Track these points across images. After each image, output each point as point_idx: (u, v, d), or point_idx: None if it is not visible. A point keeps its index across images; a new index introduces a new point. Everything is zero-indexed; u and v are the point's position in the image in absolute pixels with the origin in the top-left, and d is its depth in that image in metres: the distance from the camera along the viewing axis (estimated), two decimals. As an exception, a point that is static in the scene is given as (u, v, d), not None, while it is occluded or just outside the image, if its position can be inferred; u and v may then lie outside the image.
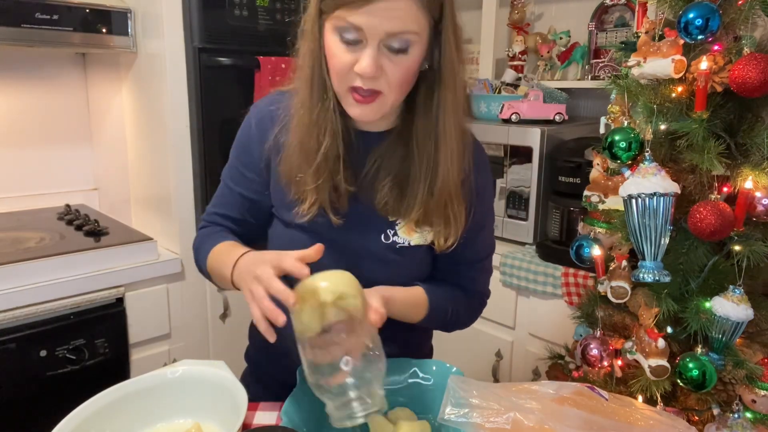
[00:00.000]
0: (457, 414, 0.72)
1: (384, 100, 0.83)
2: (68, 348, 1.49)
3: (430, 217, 0.91)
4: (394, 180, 0.90)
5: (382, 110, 0.85)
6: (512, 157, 1.94)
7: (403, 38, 0.78)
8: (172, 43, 1.67)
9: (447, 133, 0.87)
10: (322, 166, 0.89)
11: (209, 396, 0.86)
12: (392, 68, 0.80)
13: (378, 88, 0.82)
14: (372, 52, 0.78)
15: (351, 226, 0.93)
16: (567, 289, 1.73)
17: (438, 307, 0.98)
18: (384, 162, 0.91)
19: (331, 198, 0.91)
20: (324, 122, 0.88)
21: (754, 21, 1.08)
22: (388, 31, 0.77)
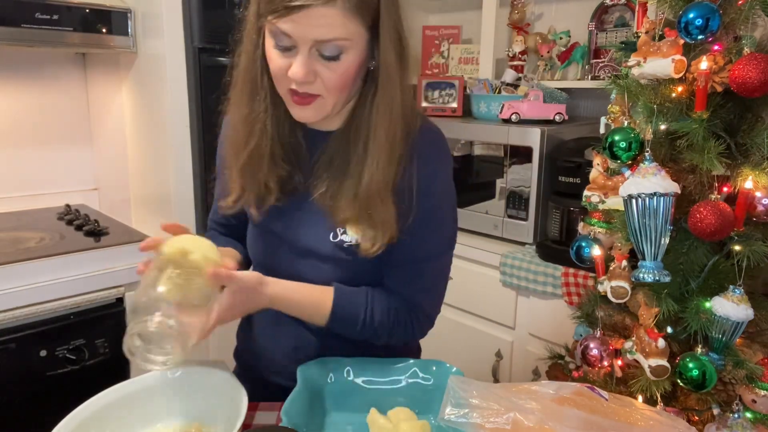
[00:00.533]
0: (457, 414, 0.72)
1: (323, 102, 0.85)
2: (68, 348, 1.49)
3: (359, 218, 0.89)
4: (331, 179, 0.91)
5: (322, 112, 0.86)
6: (512, 157, 1.94)
7: (334, 45, 0.79)
8: (172, 43, 1.68)
9: (376, 134, 0.86)
10: (247, 162, 0.92)
11: (209, 396, 0.86)
12: (327, 73, 0.81)
13: (314, 92, 0.83)
14: (303, 59, 0.79)
15: (301, 225, 0.96)
16: (567, 289, 1.73)
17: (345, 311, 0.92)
18: (327, 158, 0.92)
19: (260, 194, 0.94)
20: (254, 121, 0.90)
21: (754, 21, 1.08)
22: (316, 39, 0.78)
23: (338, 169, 0.91)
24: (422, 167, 0.90)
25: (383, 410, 0.88)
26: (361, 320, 0.93)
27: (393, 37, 0.83)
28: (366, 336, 0.94)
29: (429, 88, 2.37)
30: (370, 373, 0.94)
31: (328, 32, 0.78)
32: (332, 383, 0.92)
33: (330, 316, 0.92)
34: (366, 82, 0.88)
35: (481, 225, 2.06)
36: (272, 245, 1.00)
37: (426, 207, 0.92)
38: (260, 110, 0.90)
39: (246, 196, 0.95)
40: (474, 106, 2.23)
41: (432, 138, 0.94)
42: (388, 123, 0.86)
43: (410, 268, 0.94)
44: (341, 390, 0.92)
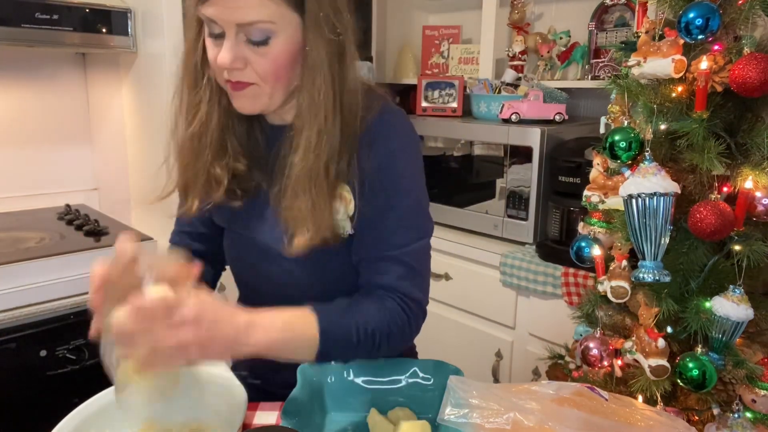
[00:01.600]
0: (456, 414, 0.72)
1: (258, 90, 0.83)
2: (68, 348, 1.49)
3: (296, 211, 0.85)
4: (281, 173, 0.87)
5: (260, 101, 0.85)
6: (512, 157, 1.94)
7: (258, 28, 0.78)
8: (172, 43, 1.67)
9: (303, 124, 0.84)
10: (187, 151, 0.91)
11: (209, 396, 0.86)
12: (256, 60, 0.80)
13: (247, 80, 0.82)
14: (229, 44, 0.79)
15: (264, 225, 0.94)
16: (567, 289, 1.73)
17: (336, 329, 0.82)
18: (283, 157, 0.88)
19: (205, 187, 0.92)
20: (194, 109, 0.90)
21: (754, 21, 1.08)
22: (238, 22, 0.77)
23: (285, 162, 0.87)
24: (372, 155, 0.87)
25: (383, 410, 0.88)
26: (355, 333, 0.83)
27: (321, 21, 0.81)
28: (364, 350, 0.85)
29: (429, 88, 2.37)
30: (370, 373, 0.93)
31: (248, 14, 0.77)
32: (332, 383, 0.92)
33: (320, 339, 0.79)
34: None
35: (481, 225, 2.06)
36: (243, 248, 0.99)
37: (385, 192, 0.88)
38: (201, 98, 0.89)
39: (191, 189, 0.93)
40: (474, 106, 2.23)
41: (384, 122, 0.89)
42: (316, 109, 0.83)
43: (387, 258, 0.89)
44: (341, 390, 0.92)
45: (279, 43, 0.80)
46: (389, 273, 0.88)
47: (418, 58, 2.67)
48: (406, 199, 0.90)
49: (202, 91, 0.89)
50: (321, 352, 0.80)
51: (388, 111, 0.91)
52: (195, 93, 0.89)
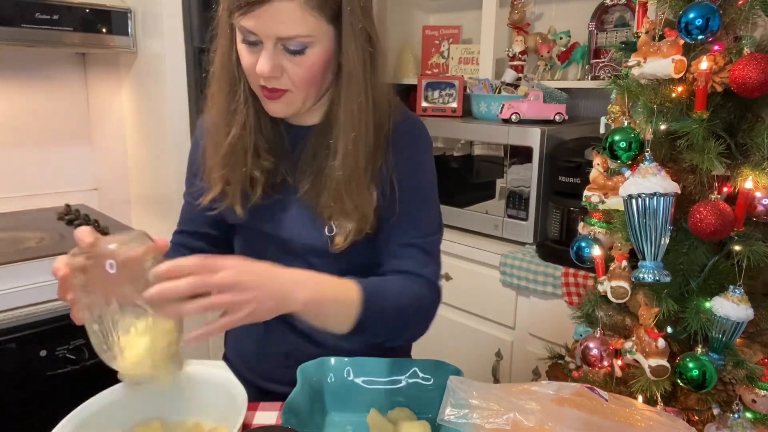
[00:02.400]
0: (456, 415, 0.72)
1: (292, 97, 0.86)
2: (68, 348, 1.49)
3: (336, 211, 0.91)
4: (315, 175, 0.92)
5: (292, 106, 0.88)
6: (512, 157, 1.94)
7: (297, 41, 0.80)
8: (172, 43, 1.68)
9: (344, 128, 0.87)
10: (230, 155, 0.92)
11: (209, 396, 0.86)
12: (293, 68, 0.83)
13: (282, 87, 0.85)
14: (268, 54, 0.81)
15: (292, 223, 0.96)
16: (567, 289, 1.73)
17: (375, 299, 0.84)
18: (308, 152, 0.93)
19: (245, 188, 0.94)
20: (232, 114, 0.91)
21: (754, 21, 1.08)
22: (278, 35, 0.79)
23: (319, 164, 0.92)
24: (399, 155, 0.93)
25: (383, 410, 0.88)
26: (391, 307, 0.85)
27: (357, 33, 0.84)
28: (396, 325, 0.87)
29: (429, 88, 2.37)
30: (370, 373, 0.94)
31: (288, 28, 0.79)
32: (332, 383, 0.92)
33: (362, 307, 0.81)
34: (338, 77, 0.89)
35: (481, 225, 2.06)
36: (263, 246, 0.99)
37: (411, 188, 0.94)
38: (239, 103, 0.91)
39: (230, 191, 0.95)
40: (474, 106, 2.23)
41: (407, 128, 0.96)
42: (352, 118, 0.87)
43: (413, 246, 0.94)
44: (341, 390, 0.92)
45: (315, 52, 0.83)
46: (415, 258, 0.93)
47: (418, 58, 2.67)
48: (431, 194, 0.98)
49: (239, 97, 0.91)
50: (360, 320, 0.81)
51: (409, 116, 0.98)
52: (232, 98, 0.91)
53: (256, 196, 0.95)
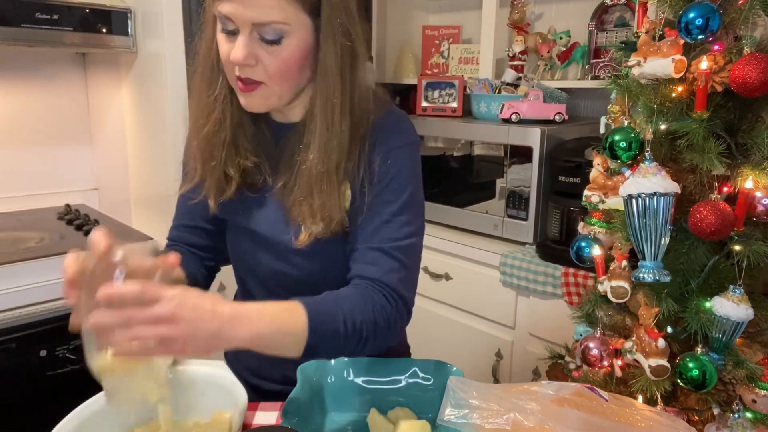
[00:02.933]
0: (456, 415, 0.72)
1: (267, 90, 0.85)
2: (68, 348, 1.49)
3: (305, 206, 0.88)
4: (289, 170, 0.91)
5: (268, 101, 0.87)
6: (512, 156, 1.94)
7: (273, 28, 0.79)
8: (172, 43, 1.67)
9: (317, 124, 0.86)
10: (203, 148, 0.92)
11: (209, 396, 0.86)
12: (268, 58, 0.82)
13: (256, 78, 0.83)
14: (243, 40, 0.80)
15: (270, 220, 0.96)
16: (567, 289, 1.73)
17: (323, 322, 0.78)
18: (288, 155, 0.92)
19: (219, 183, 0.94)
20: (210, 108, 0.91)
21: (754, 21, 1.08)
22: (254, 21, 0.79)
23: (294, 161, 0.90)
24: (374, 153, 0.90)
25: (383, 410, 0.88)
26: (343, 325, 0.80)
27: (336, 29, 0.83)
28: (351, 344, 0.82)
29: (429, 88, 2.37)
30: (370, 373, 0.94)
31: (264, 14, 0.78)
32: (332, 383, 0.92)
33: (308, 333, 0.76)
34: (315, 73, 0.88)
35: (481, 225, 2.06)
36: (249, 244, 1.00)
37: (382, 187, 0.90)
38: (218, 96, 0.91)
39: (206, 186, 0.95)
40: (474, 106, 2.23)
41: (387, 124, 0.92)
42: (326, 115, 0.86)
43: (378, 249, 0.89)
44: (341, 390, 0.92)
45: (291, 43, 0.82)
46: (378, 265, 0.88)
47: (418, 58, 2.67)
48: (402, 195, 0.91)
49: (217, 91, 0.91)
50: (309, 345, 0.76)
51: (390, 112, 0.94)
52: (210, 92, 0.91)
53: (229, 192, 0.94)
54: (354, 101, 0.88)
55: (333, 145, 0.87)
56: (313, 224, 0.88)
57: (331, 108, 0.86)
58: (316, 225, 0.88)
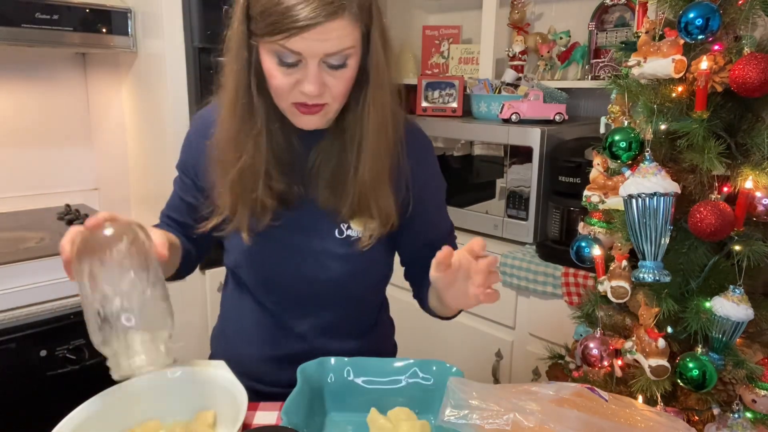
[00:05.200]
0: (456, 416, 0.72)
1: (328, 109, 0.86)
2: (68, 348, 1.49)
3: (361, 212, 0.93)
4: (331, 174, 0.92)
5: (326, 118, 0.88)
6: (512, 157, 1.94)
7: (342, 55, 0.80)
8: (172, 43, 1.68)
9: (371, 131, 0.88)
10: (239, 181, 0.90)
11: (209, 396, 0.86)
12: (334, 82, 0.82)
13: (323, 102, 0.84)
14: (315, 73, 0.80)
15: (302, 228, 0.96)
16: (567, 289, 1.73)
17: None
18: (323, 158, 0.93)
19: (253, 213, 0.92)
20: (244, 141, 0.89)
21: (754, 21, 1.08)
22: (327, 52, 0.79)
23: (337, 169, 0.92)
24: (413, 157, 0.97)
25: (383, 410, 0.88)
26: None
27: (382, 38, 0.85)
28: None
29: (429, 88, 2.37)
30: (370, 373, 0.94)
31: (337, 44, 0.78)
32: (332, 383, 0.92)
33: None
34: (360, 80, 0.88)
35: (481, 225, 2.06)
36: (274, 254, 0.98)
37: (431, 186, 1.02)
38: (253, 130, 0.88)
39: (238, 216, 0.93)
40: (474, 106, 2.23)
41: (414, 131, 1.01)
42: (379, 121, 0.88)
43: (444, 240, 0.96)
44: (341, 390, 0.92)
45: (352, 63, 0.83)
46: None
47: (418, 58, 2.66)
48: (442, 191, 1.06)
49: (255, 123, 0.88)
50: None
51: (411, 124, 1.01)
52: (246, 124, 0.88)
53: (265, 221, 0.93)
54: (395, 106, 0.91)
55: (384, 149, 0.90)
56: (373, 225, 0.94)
57: (383, 114, 0.88)
58: (375, 227, 0.93)
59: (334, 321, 1.03)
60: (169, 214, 1.08)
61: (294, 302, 1.01)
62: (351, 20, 0.78)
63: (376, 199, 0.91)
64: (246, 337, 1.06)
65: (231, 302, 1.10)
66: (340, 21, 0.77)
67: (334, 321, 1.02)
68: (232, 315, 1.10)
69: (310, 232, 0.96)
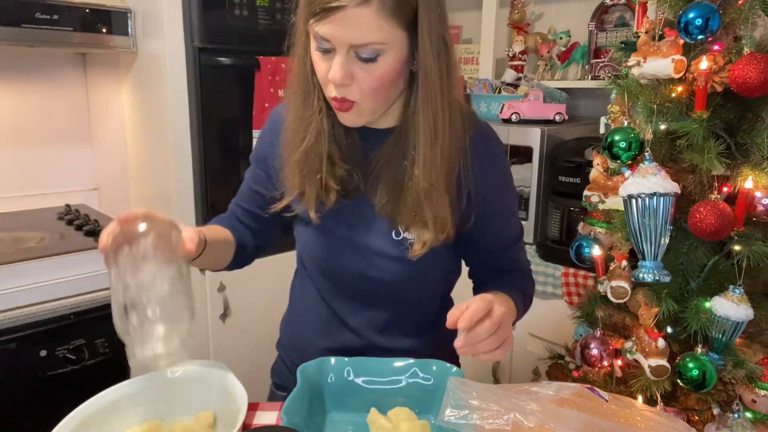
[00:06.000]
0: (456, 416, 0.72)
1: (359, 108, 0.86)
2: (68, 348, 1.49)
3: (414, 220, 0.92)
4: (393, 179, 0.92)
5: (360, 117, 0.88)
6: (512, 157, 1.94)
7: (371, 48, 0.79)
8: (172, 43, 1.67)
9: (423, 135, 0.87)
10: (303, 162, 0.92)
11: (209, 396, 0.86)
12: (363, 76, 0.82)
13: (349, 98, 0.84)
14: (340, 60, 0.80)
15: (361, 226, 0.96)
16: (567, 289, 1.73)
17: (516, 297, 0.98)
18: (383, 162, 0.93)
19: (319, 194, 0.94)
20: (307, 122, 0.91)
21: (754, 21, 1.08)
22: (352, 42, 0.78)
23: (394, 172, 0.92)
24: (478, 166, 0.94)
25: (383, 410, 0.88)
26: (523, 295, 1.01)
27: (433, 39, 0.83)
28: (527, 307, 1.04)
29: (429, 88, 2.36)
30: (370, 373, 0.94)
31: (363, 35, 0.78)
32: (332, 383, 0.92)
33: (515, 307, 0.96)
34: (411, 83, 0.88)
35: (481, 225, 2.06)
36: (333, 246, 0.99)
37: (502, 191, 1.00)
38: (314, 111, 0.91)
39: (305, 197, 0.95)
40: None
41: (486, 138, 0.99)
42: (430, 127, 0.87)
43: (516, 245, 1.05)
44: (341, 390, 0.92)
45: (386, 60, 0.81)
46: (520, 259, 1.07)
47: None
48: (512, 200, 1.05)
49: (315, 105, 0.91)
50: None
51: (480, 121, 1.00)
52: (308, 106, 0.91)
53: (330, 203, 0.94)
54: (453, 110, 0.89)
55: (439, 155, 0.88)
56: (427, 235, 0.92)
57: (434, 120, 0.86)
58: (430, 235, 0.92)
59: (389, 319, 1.03)
60: (238, 202, 1.09)
61: (348, 296, 1.02)
62: (383, 14, 0.77)
63: (431, 207, 0.90)
64: (307, 325, 1.07)
65: (298, 290, 1.13)
66: (365, 10, 0.76)
67: (388, 319, 1.02)
68: (298, 304, 1.12)
69: (366, 229, 0.96)
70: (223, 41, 1.75)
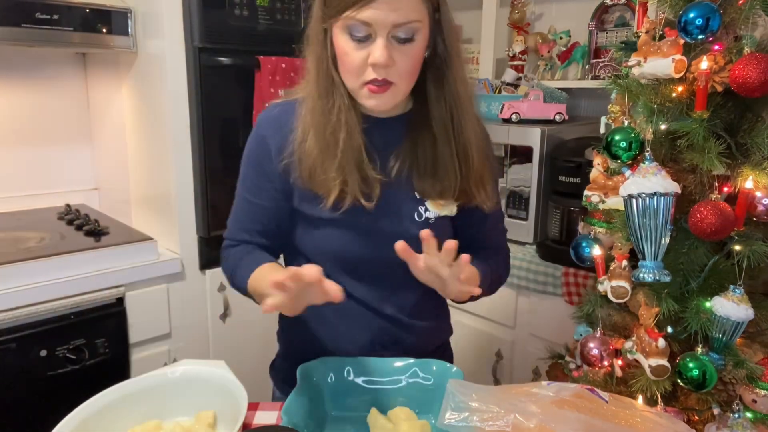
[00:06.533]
0: (457, 418, 0.72)
1: (396, 89, 0.90)
2: (68, 348, 1.49)
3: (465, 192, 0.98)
4: (428, 164, 0.97)
5: (395, 99, 0.92)
6: (512, 156, 1.94)
7: (409, 27, 0.85)
8: (172, 43, 1.67)
9: (467, 112, 0.95)
10: (344, 159, 0.93)
11: (209, 396, 0.86)
12: (401, 58, 0.87)
13: (390, 79, 0.88)
14: (382, 42, 0.85)
15: (384, 212, 0.97)
16: (567, 289, 1.73)
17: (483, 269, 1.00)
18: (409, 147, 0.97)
19: (362, 188, 0.95)
20: (337, 118, 0.93)
21: (754, 21, 1.08)
22: (394, 22, 0.84)
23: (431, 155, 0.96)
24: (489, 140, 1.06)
25: (383, 410, 0.88)
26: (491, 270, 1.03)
27: (451, 21, 0.92)
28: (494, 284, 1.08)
29: (429, 88, 2.36)
30: (370, 373, 0.94)
31: (404, 15, 0.84)
32: (332, 383, 0.92)
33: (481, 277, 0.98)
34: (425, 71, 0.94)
35: (481, 225, 2.06)
36: (353, 237, 0.98)
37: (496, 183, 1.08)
38: (339, 106, 0.93)
39: (349, 191, 0.94)
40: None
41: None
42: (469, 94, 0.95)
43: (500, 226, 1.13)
44: (341, 390, 0.92)
45: (420, 40, 0.88)
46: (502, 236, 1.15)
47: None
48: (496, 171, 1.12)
49: (337, 100, 0.93)
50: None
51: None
52: (331, 102, 0.93)
53: (375, 195, 0.95)
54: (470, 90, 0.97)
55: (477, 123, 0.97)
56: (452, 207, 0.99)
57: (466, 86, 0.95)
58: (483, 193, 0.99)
59: (417, 301, 1.04)
60: (247, 228, 1.04)
61: (377, 284, 1.02)
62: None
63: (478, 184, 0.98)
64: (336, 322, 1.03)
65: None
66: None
67: (416, 301, 1.04)
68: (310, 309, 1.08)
69: (390, 216, 0.98)
70: (223, 41, 1.75)
